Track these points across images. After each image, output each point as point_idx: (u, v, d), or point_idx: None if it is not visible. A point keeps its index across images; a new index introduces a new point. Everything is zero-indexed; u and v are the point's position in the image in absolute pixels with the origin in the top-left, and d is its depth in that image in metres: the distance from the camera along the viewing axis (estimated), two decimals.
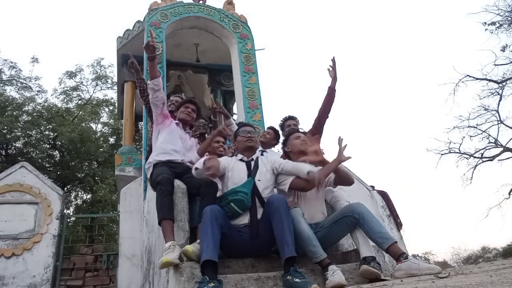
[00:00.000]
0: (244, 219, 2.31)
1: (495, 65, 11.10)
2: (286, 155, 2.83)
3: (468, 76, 11.67)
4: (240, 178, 2.44)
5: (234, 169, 2.48)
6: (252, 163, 2.56)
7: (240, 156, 2.62)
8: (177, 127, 2.96)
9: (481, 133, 11.64)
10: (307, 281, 1.82)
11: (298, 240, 2.14)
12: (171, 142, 2.79)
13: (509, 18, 10.85)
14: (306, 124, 3.71)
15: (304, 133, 3.00)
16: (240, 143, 2.67)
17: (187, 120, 3.04)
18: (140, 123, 8.15)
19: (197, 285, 1.84)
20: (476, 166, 11.69)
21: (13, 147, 12.53)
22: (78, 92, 14.68)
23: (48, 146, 13.06)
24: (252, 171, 2.49)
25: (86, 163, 13.32)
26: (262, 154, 3.09)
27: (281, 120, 3.68)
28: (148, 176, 2.80)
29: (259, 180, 2.45)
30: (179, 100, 3.43)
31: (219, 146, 3.14)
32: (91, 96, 14.96)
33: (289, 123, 3.58)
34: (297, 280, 1.83)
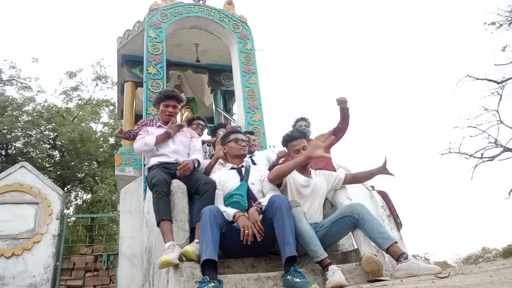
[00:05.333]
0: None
1: (496, 65, 11.14)
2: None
3: (468, 76, 11.70)
4: (233, 185, 2.51)
5: (226, 179, 2.55)
6: (243, 169, 2.64)
7: (229, 165, 2.70)
8: (160, 128, 2.90)
9: (481, 133, 11.66)
10: (307, 281, 1.82)
11: (299, 239, 2.14)
12: (160, 146, 2.77)
13: (509, 18, 10.86)
14: (316, 124, 3.80)
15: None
16: (234, 149, 2.72)
17: (169, 121, 2.94)
18: None
19: (197, 285, 1.83)
20: (476, 166, 11.72)
21: (13, 147, 12.53)
22: (78, 92, 14.71)
23: (48, 146, 13.06)
24: (244, 176, 2.57)
25: (86, 163, 13.32)
26: (252, 161, 3.14)
27: (294, 121, 3.82)
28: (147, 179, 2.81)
29: (252, 184, 2.51)
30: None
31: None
32: (91, 96, 14.99)
33: (301, 124, 3.72)
34: (297, 280, 1.83)
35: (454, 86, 11.92)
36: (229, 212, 2.29)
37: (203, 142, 3.54)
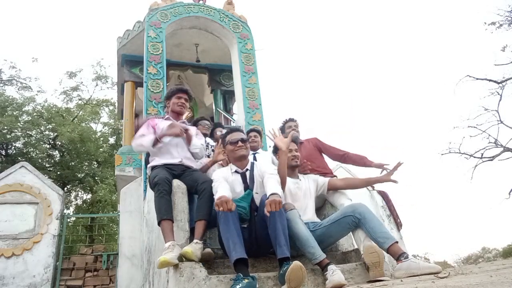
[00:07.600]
0: (243, 224, 2.31)
1: (496, 65, 11.15)
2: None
3: (468, 76, 11.71)
4: (237, 192, 2.42)
5: (231, 183, 2.44)
6: (247, 173, 2.52)
7: (234, 168, 2.55)
8: (169, 120, 2.86)
9: (481, 133, 11.66)
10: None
11: (296, 242, 2.15)
12: (165, 145, 2.73)
13: (509, 18, 10.87)
14: (306, 125, 3.75)
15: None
16: (230, 153, 2.58)
17: (181, 113, 3.00)
18: None
19: (232, 282, 1.86)
20: (476, 166, 11.71)
21: (13, 147, 12.53)
22: (78, 92, 14.72)
23: (48, 146, 13.07)
24: (249, 184, 2.47)
25: (86, 163, 13.33)
26: (254, 158, 3.11)
27: (282, 122, 3.76)
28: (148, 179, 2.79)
29: (256, 193, 2.43)
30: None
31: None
32: (91, 96, 14.99)
33: (290, 125, 3.67)
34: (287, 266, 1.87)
35: (454, 86, 11.96)
36: (216, 195, 2.17)
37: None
